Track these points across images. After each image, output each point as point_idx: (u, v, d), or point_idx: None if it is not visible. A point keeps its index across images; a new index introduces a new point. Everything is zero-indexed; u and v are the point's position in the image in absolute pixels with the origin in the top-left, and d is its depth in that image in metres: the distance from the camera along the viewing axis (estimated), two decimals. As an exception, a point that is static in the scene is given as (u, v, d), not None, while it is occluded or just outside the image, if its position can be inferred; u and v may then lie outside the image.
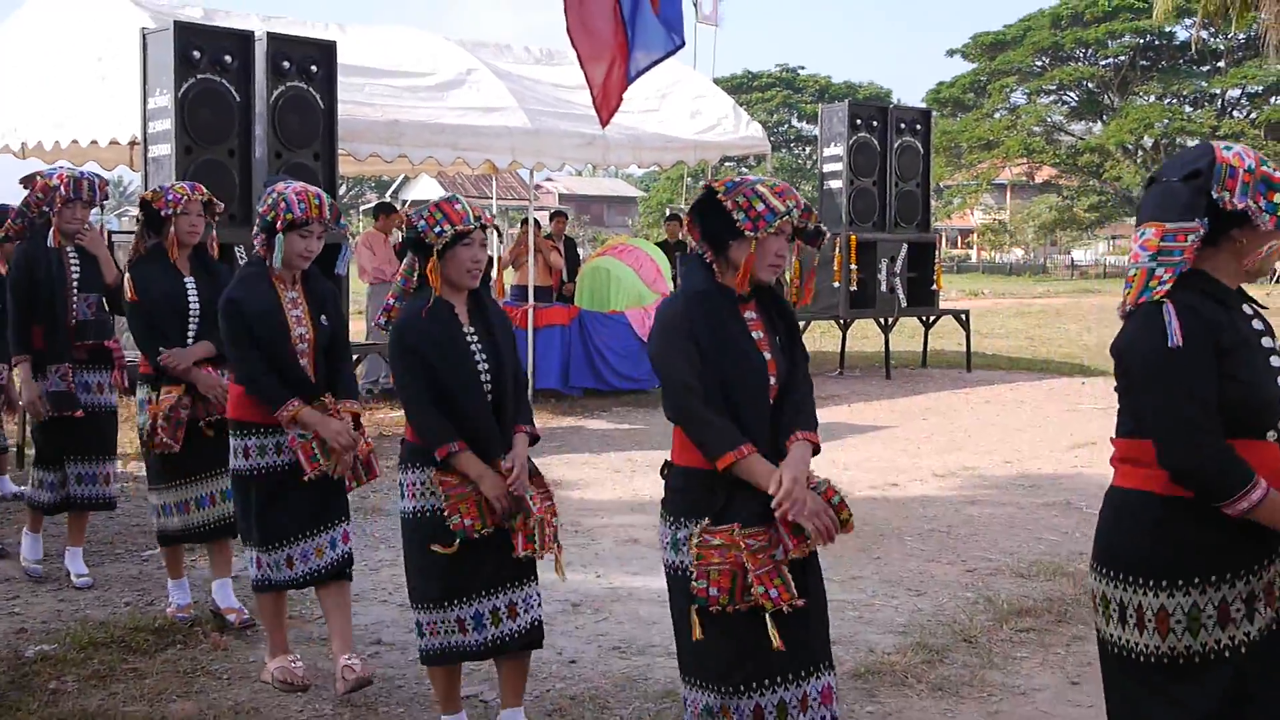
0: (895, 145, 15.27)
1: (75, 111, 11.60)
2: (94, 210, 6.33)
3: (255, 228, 4.65)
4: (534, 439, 4.20)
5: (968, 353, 15.97)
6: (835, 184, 14.90)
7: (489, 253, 4.52)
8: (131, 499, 7.75)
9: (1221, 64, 51.56)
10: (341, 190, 10.22)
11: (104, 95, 11.11)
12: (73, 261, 6.09)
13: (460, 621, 4.02)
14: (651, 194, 61.29)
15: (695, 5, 17.59)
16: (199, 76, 9.71)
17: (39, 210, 6.02)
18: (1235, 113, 51.80)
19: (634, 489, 8.69)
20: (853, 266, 14.41)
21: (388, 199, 26.68)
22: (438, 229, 3.95)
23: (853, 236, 14.45)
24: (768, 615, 3.23)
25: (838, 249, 14.40)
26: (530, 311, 12.54)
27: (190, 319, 5.42)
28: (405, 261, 4.13)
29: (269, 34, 10.25)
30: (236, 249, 6.64)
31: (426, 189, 34.35)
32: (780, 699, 3.32)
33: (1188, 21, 43.17)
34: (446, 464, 3.93)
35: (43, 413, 6.10)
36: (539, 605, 4.16)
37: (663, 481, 3.48)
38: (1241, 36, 43.60)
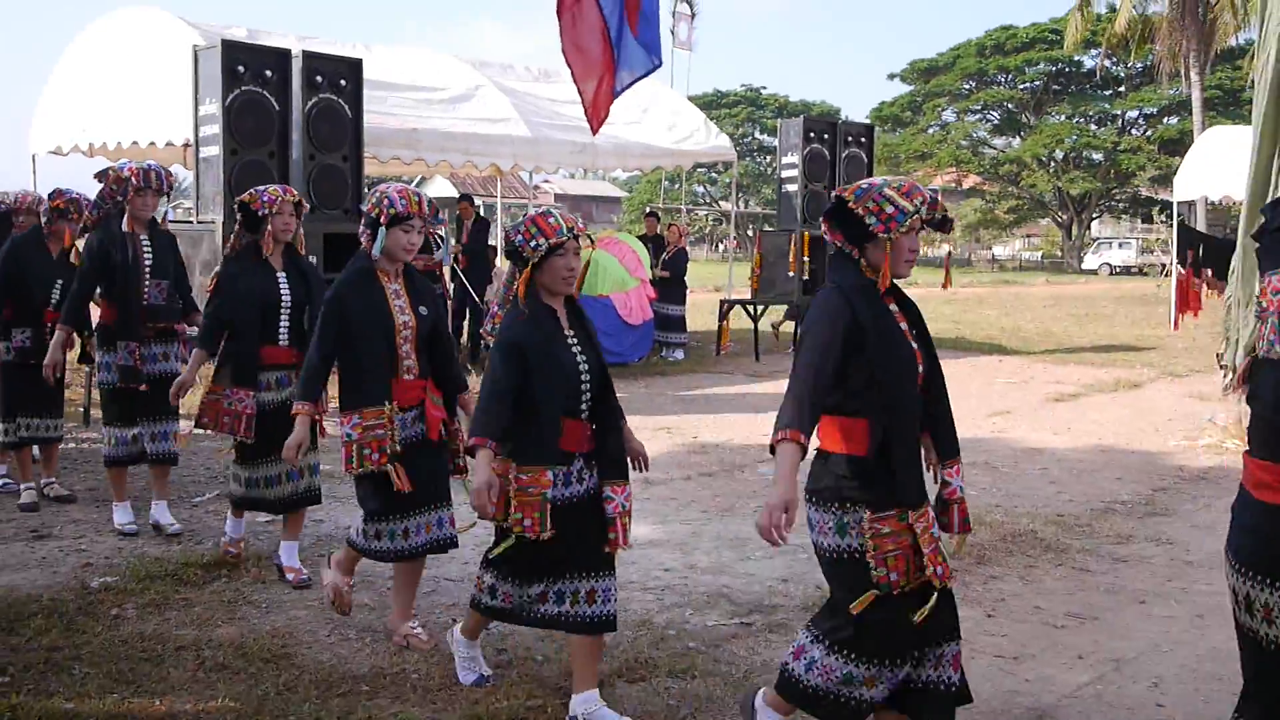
0: (843, 155, 15.22)
1: (135, 116, 11.52)
2: (162, 199, 6.05)
3: (360, 225, 4.41)
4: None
5: (903, 334, 15.97)
6: (792, 188, 14.86)
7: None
8: (183, 451, 7.66)
9: (1122, 89, 51.67)
10: (366, 189, 10.21)
11: (160, 103, 11.03)
12: (145, 248, 5.84)
13: (543, 595, 3.75)
14: (634, 194, 61.06)
15: (672, 32, 17.49)
16: (243, 88, 9.64)
17: (113, 200, 5.80)
18: (1134, 131, 51.97)
19: (616, 447, 8.67)
20: (805, 259, 14.39)
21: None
22: (533, 243, 3.65)
23: (805, 233, 14.40)
24: (936, 593, 3.09)
25: (793, 244, 14.40)
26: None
27: (283, 311, 5.16)
28: (508, 271, 3.88)
29: (304, 52, 10.20)
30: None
31: (441, 188, 34.19)
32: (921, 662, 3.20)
33: (1094, 52, 43.24)
34: (471, 450, 3.60)
35: (53, 377, 5.92)
36: (615, 599, 3.77)
37: (815, 469, 3.22)
38: (1140, 65, 43.70)
